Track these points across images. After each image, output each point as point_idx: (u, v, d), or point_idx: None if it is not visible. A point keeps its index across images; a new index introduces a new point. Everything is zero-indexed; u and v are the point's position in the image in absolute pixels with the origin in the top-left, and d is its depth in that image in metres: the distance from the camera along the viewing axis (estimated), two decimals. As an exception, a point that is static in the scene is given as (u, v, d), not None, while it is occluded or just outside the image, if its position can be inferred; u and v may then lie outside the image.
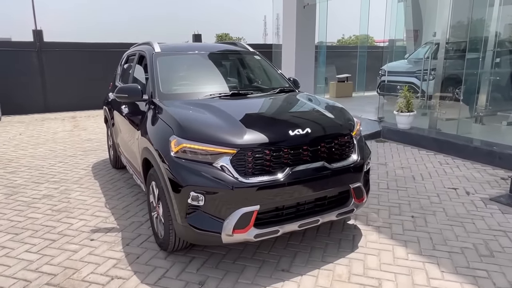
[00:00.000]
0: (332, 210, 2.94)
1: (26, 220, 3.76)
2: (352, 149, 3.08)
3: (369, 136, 7.06)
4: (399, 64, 10.19)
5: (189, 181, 2.59)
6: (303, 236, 3.36)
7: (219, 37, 57.34)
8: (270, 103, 3.49)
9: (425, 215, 3.76)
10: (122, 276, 2.78)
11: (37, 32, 11.18)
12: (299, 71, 10.84)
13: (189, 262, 2.95)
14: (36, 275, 2.81)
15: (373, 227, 3.53)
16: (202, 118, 2.91)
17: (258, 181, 2.60)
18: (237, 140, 2.64)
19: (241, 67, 4.36)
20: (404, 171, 5.19)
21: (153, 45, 4.01)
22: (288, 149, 2.71)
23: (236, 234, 2.59)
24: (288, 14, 10.86)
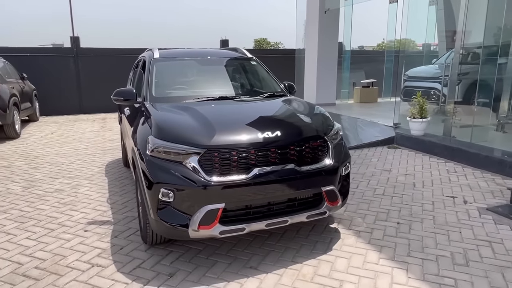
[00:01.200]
0: (302, 211, 3.02)
1: (34, 211, 4.12)
2: (326, 153, 3.14)
3: (382, 142, 6.98)
4: (423, 69, 9.91)
5: (160, 179, 2.78)
6: (281, 236, 3.44)
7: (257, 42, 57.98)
8: (251, 107, 3.63)
9: (411, 222, 3.72)
10: (102, 264, 3.01)
11: (74, 39, 11.99)
12: (321, 76, 10.86)
13: (166, 255, 3.14)
14: (28, 259, 3.11)
15: (354, 231, 3.54)
16: (178, 121, 3.10)
17: (224, 181, 2.74)
18: (205, 141, 2.80)
19: (234, 72, 4.53)
20: (407, 178, 5.11)
21: (153, 51, 4.27)
22: (255, 150, 2.83)
23: (201, 229, 2.75)
24: (311, 19, 10.92)
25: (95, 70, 11.98)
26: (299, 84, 12.43)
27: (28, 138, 8.24)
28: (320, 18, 10.46)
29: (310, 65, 11.23)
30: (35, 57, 11.56)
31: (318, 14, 10.46)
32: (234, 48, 4.94)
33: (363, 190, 4.64)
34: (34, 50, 11.70)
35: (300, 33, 12.04)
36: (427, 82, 9.47)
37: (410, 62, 11.32)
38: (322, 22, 10.50)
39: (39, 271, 2.92)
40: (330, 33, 10.68)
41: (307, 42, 11.40)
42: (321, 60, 10.76)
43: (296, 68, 12.61)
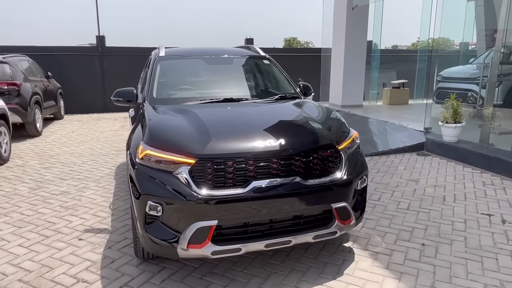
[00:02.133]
0: (309, 231, 2.65)
1: (35, 214, 3.97)
2: (337, 165, 2.75)
3: (410, 149, 6.44)
4: (459, 70, 9.21)
5: (147, 190, 2.50)
6: (287, 255, 3.09)
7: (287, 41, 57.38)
8: (256, 110, 3.29)
9: (439, 244, 3.26)
10: (87, 280, 2.77)
11: (100, 38, 12.07)
12: (348, 76, 10.34)
13: (158, 272, 2.86)
14: (14, 269, 2.92)
15: (370, 252, 3.13)
16: (172, 126, 2.81)
17: (217, 195, 2.42)
18: (197, 149, 2.49)
19: (244, 72, 4.19)
20: (436, 190, 4.60)
21: (160, 49, 4.02)
22: (254, 161, 2.49)
23: (191, 249, 2.44)
24: (338, 16, 10.42)
25: (120, 69, 12.01)
26: (324, 85, 11.95)
27: (49, 136, 8.28)
28: (348, 15, 9.94)
29: (336, 65, 10.72)
30: (62, 56, 11.73)
31: (345, 10, 9.94)
32: (247, 46, 4.61)
33: (385, 203, 4.19)
34: (61, 49, 11.87)
35: (327, 31, 11.54)
36: (463, 84, 8.76)
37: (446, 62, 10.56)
38: (349, 19, 9.97)
39: (21, 285, 2.72)
40: (358, 31, 10.13)
41: (333, 41, 10.89)
42: (348, 59, 10.23)
43: (321, 68, 12.14)
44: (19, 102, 7.52)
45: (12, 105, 7.36)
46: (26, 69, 8.44)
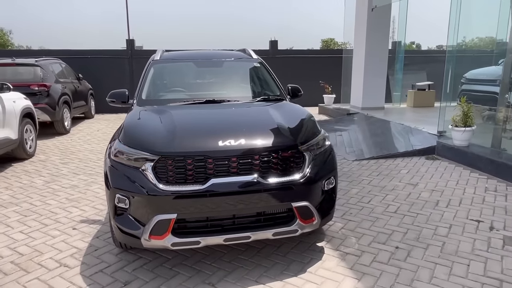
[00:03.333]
0: (268, 228, 2.75)
1: (42, 205, 4.34)
2: (300, 165, 2.83)
3: (420, 152, 6.30)
4: (485, 71, 8.81)
5: (116, 184, 2.71)
6: (258, 251, 3.20)
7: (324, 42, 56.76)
8: (231, 112, 3.42)
9: (413, 247, 3.24)
10: (69, 265, 3.03)
11: (130, 41, 12.68)
12: (369, 78, 10.21)
13: (133, 261, 3.07)
14: (10, 253, 3.24)
15: (340, 253, 3.17)
16: (145, 126, 3.02)
17: (176, 190, 2.59)
18: (160, 147, 2.67)
19: (232, 74, 4.34)
20: (432, 194, 4.51)
21: (157, 53, 4.27)
22: (213, 159, 2.64)
23: (153, 240, 2.63)
24: (359, 16, 10.32)
25: (147, 71, 12.53)
26: (345, 87, 11.83)
27: (76, 134, 8.86)
28: (369, 15, 9.81)
29: (357, 66, 10.60)
30: (95, 58, 12.45)
31: (366, 11, 9.83)
32: (243, 49, 4.75)
33: (373, 206, 4.18)
34: (94, 52, 12.60)
35: (348, 33, 11.43)
36: (488, 86, 8.40)
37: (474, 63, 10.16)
38: (370, 20, 9.83)
39: (12, 266, 3.02)
40: (379, 32, 9.96)
41: (355, 42, 10.78)
42: (369, 60, 10.09)
43: (342, 69, 12.02)
44: (48, 102, 8.12)
45: (42, 104, 7.98)
46: (57, 71, 9.08)
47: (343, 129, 8.53)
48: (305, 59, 13.88)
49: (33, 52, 13.85)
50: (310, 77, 13.48)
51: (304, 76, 13.59)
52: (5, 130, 5.64)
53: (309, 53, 14.17)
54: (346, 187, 4.80)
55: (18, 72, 8.24)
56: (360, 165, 5.83)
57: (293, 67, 13.64)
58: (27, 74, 8.20)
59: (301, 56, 13.98)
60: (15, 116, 5.96)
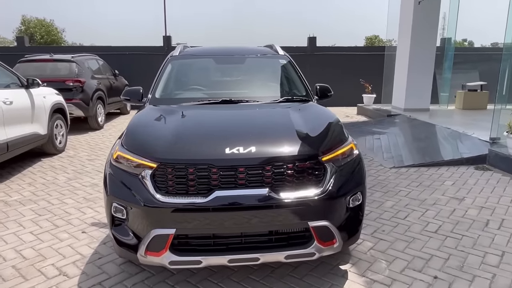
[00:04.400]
0: (281, 249, 2.39)
1: (59, 204, 4.25)
2: (320, 178, 2.43)
3: (468, 161, 5.63)
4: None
5: (113, 191, 2.47)
6: (272, 271, 2.84)
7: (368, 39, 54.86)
8: (247, 114, 3.06)
9: (457, 279, 2.74)
10: (68, 274, 2.84)
11: (166, 38, 12.70)
12: (413, 77, 9.49)
13: (135, 274, 2.83)
14: (15, 255, 3.12)
15: (366, 280, 2.74)
16: (148, 129, 2.76)
17: (175, 202, 2.29)
18: (160, 153, 2.38)
19: (254, 72, 3.97)
20: (481, 212, 3.92)
21: (177, 48, 4.01)
22: (217, 169, 2.31)
23: (149, 256, 2.35)
24: (405, 11, 9.61)
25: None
26: (387, 86, 11.11)
27: (108, 130, 8.92)
28: (415, 10, 9.08)
29: (401, 65, 9.89)
30: (132, 55, 12.58)
31: (412, 5, 9.10)
32: (270, 45, 4.38)
33: (410, 223, 3.68)
34: (132, 49, 12.74)
35: (392, 29, 10.69)
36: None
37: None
38: (416, 14, 9.10)
39: (12, 271, 2.88)
40: (426, 28, 9.20)
41: (399, 38, 10.06)
42: (414, 58, 9.36)
43: (385, 68, 11.28)
44: (82, 98, 8.21)
45: (76, 100, 8.07)
46: (93, 68, 9.19)
47: (382, 132, 7.92)
48: (344, 56, 13.25)
49: (75, 48, 14.30)
50: (349, 76, 12.86)
51: (343, 75, 12.99)
52: (34, 125, 5.66)
53: (349, 50, 13.50)
54: (380, 199, 4.32)
55: (55, 68, 8.41)
56: (398, 174, 5.28)
57: (332, 65, 13.07)
58: (63, 70, 8.34)
59: (341, 53, 13.36)
60: (44, 112, 5.99)
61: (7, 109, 4.95)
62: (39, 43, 37.86)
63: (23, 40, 13.34)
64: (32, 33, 39.38)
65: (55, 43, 38.57)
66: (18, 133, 5.18)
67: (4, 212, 4.00)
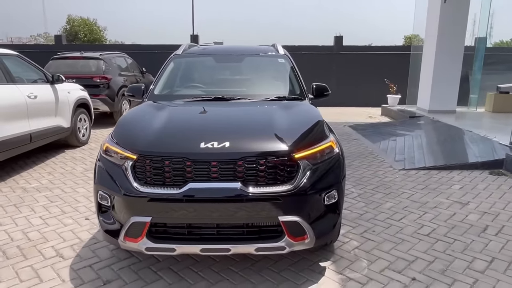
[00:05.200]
0: (251, 241, 2.48)
1: (71, 192, 4.54)
2: (293, 174, 2.49)
3: (483, 165, 5.43)
4: None
5: (99, 181, 2.65)
6: (252, 264, 2.93)
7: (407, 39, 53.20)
8: (233, 111, 3.16)
9: (434, 282, 2.70)
10: (64, 256, 3.07)
11: (194, 37, 13.01)
12: (439, 78, 9.21)
13: (123, 259, 3.01)
14: (21, 237, 3.40)
15: (343, 277, 2.77)
16: (135, 123, 2.93)
17: (151, 192, 2.43)
18: (139, 146, 2.54)
19: (251, 70, 4.05)
20: (483, 218, 3.80)
21: (181, 47, 4.18)
22: (192, 162, 2.43)
23: (128, 242, 2.51)
24: (432, 9, 9.33)
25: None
26: (413, 87, 10.81)
27: (132, 125, 9.30)
28: (442, 9, 8.79)
29: (427, 65, 9.60)
30: (161, 53, 12.98)
31: (439, 4, 8.81)
32: (272, 44, 4.44)
33: (404, 225, 3.64)
34: (161, 47, 13.16)
35: (418, 27, 10.38)
36: None
37: None
38: (444, 12, 8.80)
39: (15, 251, 3.15)
40: (454, 26, 8.88)
41: (425, 36, 9.76)
42: (440, 58, 9.07)
43: (410, 68, 10.97)
44: (108, 94, 8.62)
45: (102, 96, 8.50)
46: (120, 65, 9.62)
47: (400, 133, 7.75)
48: (371, 56, 13.01)
49: (108, 46, 14.95)
50: (375, 76, 12.62)
51: (369, 75, 12.76)
52: (57, 118, 6.05)
53: (376, 50, 13.23)
54: (379, 200, 4.28)
55: (84, 65, 8.88)
56: (406, 176, 5.19)
57: (358, 65, 12.87)
58: (91, 67, 8.80)
59: (368, 52, 13.12)
60: (68, 106, 6.37)
61: (31, 103, 5.33)
62: (83, 41, 39.79)
63: (61, 39, 14.13)
64: (76, 32, 41.43)
65: (98, 42, 40.37)
66: (41, 125, 5.56)
67: (21, 198, 4.34)
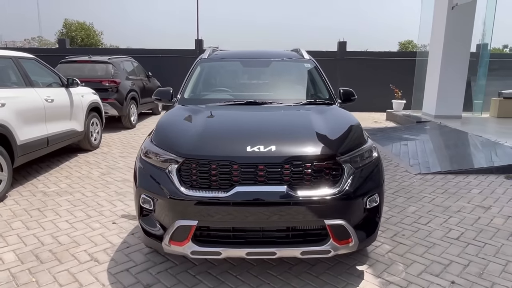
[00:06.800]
0: (297, 245, 2.48)
1: (92, 196, 4.52)
2: (338, 178, 2.51)
3: (498, 170, 5.49)
4: None
5: (141, 184, 2.65)
6: (290, 268, 2.93)
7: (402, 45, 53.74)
8: (269, 115, 3.18)
9: (474, 285, 2.73)
10: (99, 260, 3.05)
11: (198, 42, 13.04)
12: (445, 84, 9.31)
13: (159, 263, 3.00)
14: (51, 241, 3.37)
15: (382, 281, 2.78)
16: (175, 126, 2.93)
17: (198, 195, 2.44)
18: (185, 149, 2.54)
19: (281, 75, 4.08)
20: (508, 221, 3.85)
21: (206, 51, 4.20)
22: (238, 166, 2.44)
23: (173, 245, 2.51)
24: (438, 16, 9.45)
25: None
26: (418, 92, 10.91)
27: (141, 129, 9.29)
28: (448, 15, 8.91)
29: (433, 70, 9.70)
30: (166, 58, 13.00)
31: (446, 10, 8.93)
32: (296, 49, 4.48)
33: (432, 229, 3.66)
34: (165, 52, 13.17)
35: (424, 34, 10.50)
36: None
37: None
38: (450, 19, 8.93)
39: (49, 255, 3.13)
40: (460, 33, 9.00)
41: (431, 43, 9.88)
42: (446, 64, 9.17)
43: (415, 74, 11.08)
44: (117, 98, 8.60)
45: (111, 100, 8.47)
46: (127, 69, 9.61)
47: (410, 138, 7.82)
48: (375, 61, 13.12)
49: (112, 50, 14.91)
50: (379, 81, 12.72)
51: (373, 80, 12.85)
52: (72, 122, 6.02)
53: (379, 55, 13.35)
54: (402, 204, 4.31)
55: (93, 69, 8.86)
56: (424, 180, 5.23)
57: (362, 70, 12.97)
58: (100, 71, 8.78)
59: (371, 58, 13.24)
60: (82, 110, 6.35)
61: (49, 107, 5.31)
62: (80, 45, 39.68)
63: (65, 42, 14.09)
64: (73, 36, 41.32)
65: (94, 46, 40.29)
66: (57, 129, 5.54)
67: (43, 202, 4.31)
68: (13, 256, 3.10)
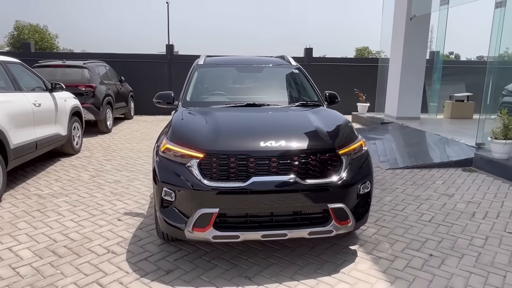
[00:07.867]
0: (304, 227, 2.87)
1: (89, 197, 4.66)
2: (337, 168, 2.93)
3: (456, 164, 6.20)
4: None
5: (163, 178, 2.92)
6: (293, 250, 3.31)
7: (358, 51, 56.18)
8: (270, 115, 3.57)
9: (448, 256, 3.25)
10: (116, 251, 3.27)
11: (169, 46, 13.17)
12: (405, 88, 10.12)
13: (174, 252, 3.27)
14: (63, 238, 3.53)
15: (373, 257, 3.23)
16: (191, 125, 3.23)
17: (219, 186, 2.76)
18: (206, 146, 2.86)
19: (272, 79, 4.50)
20: (469, 206, 4.46)
21: (201, 58, 4.50)
22: (254, 159, 2.79)
23: (196, 232, 2.80)
24: (397, 25, 10.28)
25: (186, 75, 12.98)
26: (380, 96, 11.73)
27: (117, 133, 9.31)
28: (407, 25, 9.75)
29: (393, 76, 10.52)
30: (136, 62, 13.01)
31: (404, 20, 9.77)
32: (282, 56, 4.91)
33: (407, 214, 4.19)
34: (136, 57, 13.17)
35: (385, 41, 11.35)
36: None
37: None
38: (408, 29, 9.76)
39: (65, 250, 3.30)
40: (417, 41, 9.87)
41: (391, 51, 10.71)
42: (406, 70, 10.01)
43: (378, 78, 11.92)
44: (93, 102, 8.61)
45: (87, 104, 8.46)
46: (102, 74, 9.61)
47: (376, 138, 8.49)
48: (339, 67, 13.89)
49: (79, 55, 14.67)
50: (343, 85, 13.46)
51: (338, 84, 13.56)
52: (57, 126, 6.06)
53: (343, 61, 14.16)
54: (379, 195, 4.83)
55: (67, 73, 8.79)
56: (394, 174, 5.82)
57: (328, 75, 13.67)
58: (75, 75, 8.74)
59: (336, 64, 14.00)
60: (65, 114, 6.39)
61: (37, 111, 5.35)
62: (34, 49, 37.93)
63: (29, 46, 13.68)
64: (25, 39, 39.47)
65: (49, 49, 38.68)
66: (44, 133, 5.57)
67: (41, 204, 4.40)
68: (30, 253, 3.24)
